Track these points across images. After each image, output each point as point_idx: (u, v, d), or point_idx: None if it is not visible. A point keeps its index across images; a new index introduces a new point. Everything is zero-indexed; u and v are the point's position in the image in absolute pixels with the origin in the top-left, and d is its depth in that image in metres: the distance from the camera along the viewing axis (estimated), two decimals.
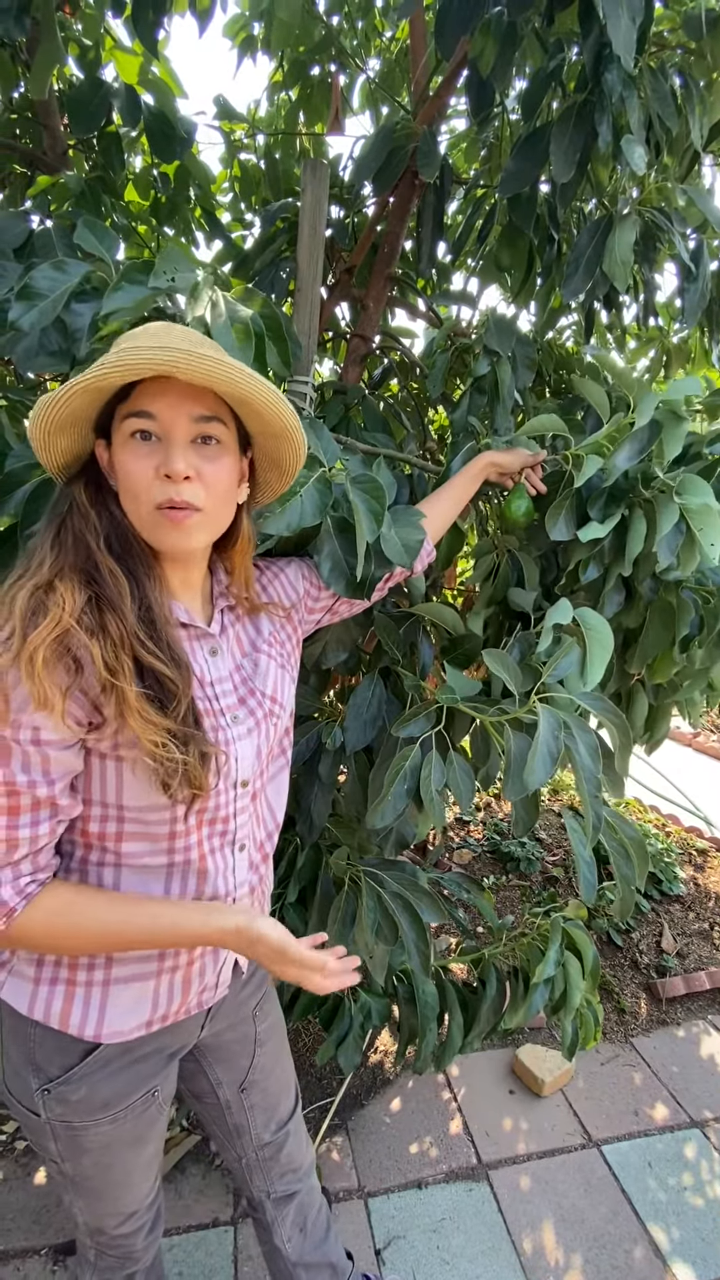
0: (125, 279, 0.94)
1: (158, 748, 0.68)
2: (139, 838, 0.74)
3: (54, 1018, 0.76)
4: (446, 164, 1.56)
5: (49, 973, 0.76)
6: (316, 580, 0.99)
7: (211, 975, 0.85)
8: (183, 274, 0.97)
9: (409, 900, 1.15)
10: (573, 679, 1.02)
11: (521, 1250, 1.46)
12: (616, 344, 2.19)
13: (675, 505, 1.03)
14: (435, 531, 1.11)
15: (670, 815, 3.26)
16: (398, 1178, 1.59)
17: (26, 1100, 0.79)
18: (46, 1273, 1.35)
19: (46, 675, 0.63)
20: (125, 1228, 0.92)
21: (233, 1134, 1.04)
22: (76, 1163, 0.82)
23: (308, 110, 2.11)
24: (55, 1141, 0.80)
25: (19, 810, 0.66)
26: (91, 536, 0.71)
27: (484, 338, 1.37)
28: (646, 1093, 1.87)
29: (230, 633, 0.86)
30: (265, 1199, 1.09)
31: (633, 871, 1.03)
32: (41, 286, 0.99)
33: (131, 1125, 0.83)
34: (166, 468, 0.69)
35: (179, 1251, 1.40)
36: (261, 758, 0.85)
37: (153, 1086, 0.84)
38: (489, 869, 2.77)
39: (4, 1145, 1.58)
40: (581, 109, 1.27)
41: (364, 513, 0.92)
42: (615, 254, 1.26)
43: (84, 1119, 0.79)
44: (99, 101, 1.55)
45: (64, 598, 0.66)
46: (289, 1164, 1.09)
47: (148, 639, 0.70)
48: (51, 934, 0.70)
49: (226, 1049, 0.98)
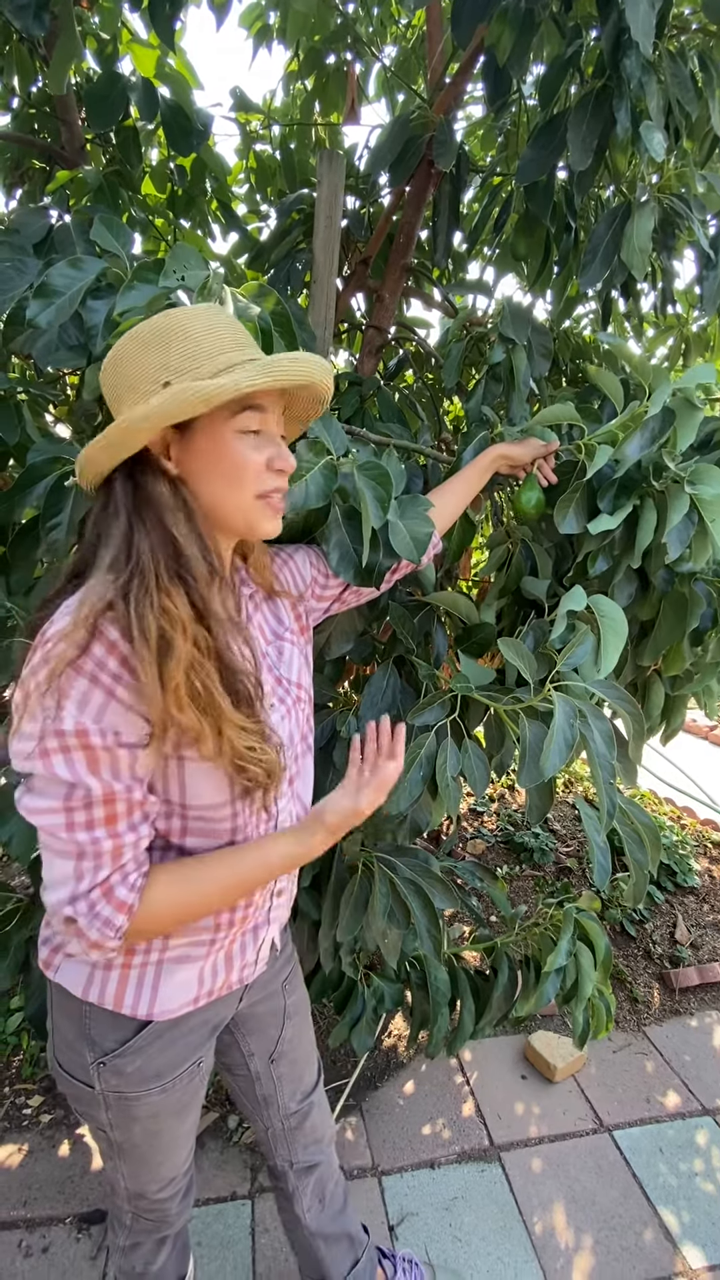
0: (137, 278, 0.95)
1: (253, 751, 0.70)
2: (201, 834, 0.76)
3: (108, 1000, 0.78)
4: (463, 153, 1.56)
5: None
6: (324, 568, 1.00)
7: (251, 953, 0.89)
8: (192, 272, 0.98)
9: (421, 886, 1.17)
10: (587, 667, 1.02)
11: (533, 1230, 1.49)
12: (634, 332, 2.17)
13: (686, 495, 1.02)
14: (443, 523, 1.11)
15: (686, 808, 3.25)
16: (411, 1157, 1.62)
17: (80, 1073, 0.82)
18: (71, 1240, 1.40)
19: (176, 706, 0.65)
20: (165, 1193, 0.97)
21: (261, 1104, 1.08)
22: (126, 1130, 0.86)
23: (323, 100, 2.11)
24: (107, 1111, 0.84)
25: (118, 817, 0.67)
26: (182, 533, 0.70)
27: (499, 326, 1.37)
28: (658, 1080, 1.88)
29: (255, 620, 0.87)
30: (289, 1168, 1.12)
31: (646, 857, 1.04)
32: (58, 284, 1.01)
33: (179, 1094, 0.86)
34: (282, 463, 0.74)
35: (198, 1223, 1.44)
36: (294, 743, 0.87)
37: (198, 1057, 0.88)
38: (503, 859, 2.79)
39: (30, 1119, 1.63)
40: (600, 95, 1.26)
41: (370, 499, 0.93)
42: (633, 242, 1.26)
43: (136, 1089, 0.82)
44: (116, 95, 1.56)
45: (181, 620, 0.66)
46: (312, 1134, 1.13)
47: (231, 640, 0.72)
48: (175, 905, 0.72)
49: (259, 1020, 1.02)
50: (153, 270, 0.98)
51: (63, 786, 0.64)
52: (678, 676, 1.36)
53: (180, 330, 0.71)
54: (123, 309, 0.93)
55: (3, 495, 1.06)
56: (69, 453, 1.06)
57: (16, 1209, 1.44)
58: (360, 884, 1.21)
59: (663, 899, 2.56)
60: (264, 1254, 1.40)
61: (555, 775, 0.96)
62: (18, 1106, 1.65)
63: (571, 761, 1.08)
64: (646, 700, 1.37)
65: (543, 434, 1.19)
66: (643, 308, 1.87)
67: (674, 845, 2.81)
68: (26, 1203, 1.45)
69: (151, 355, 0.70)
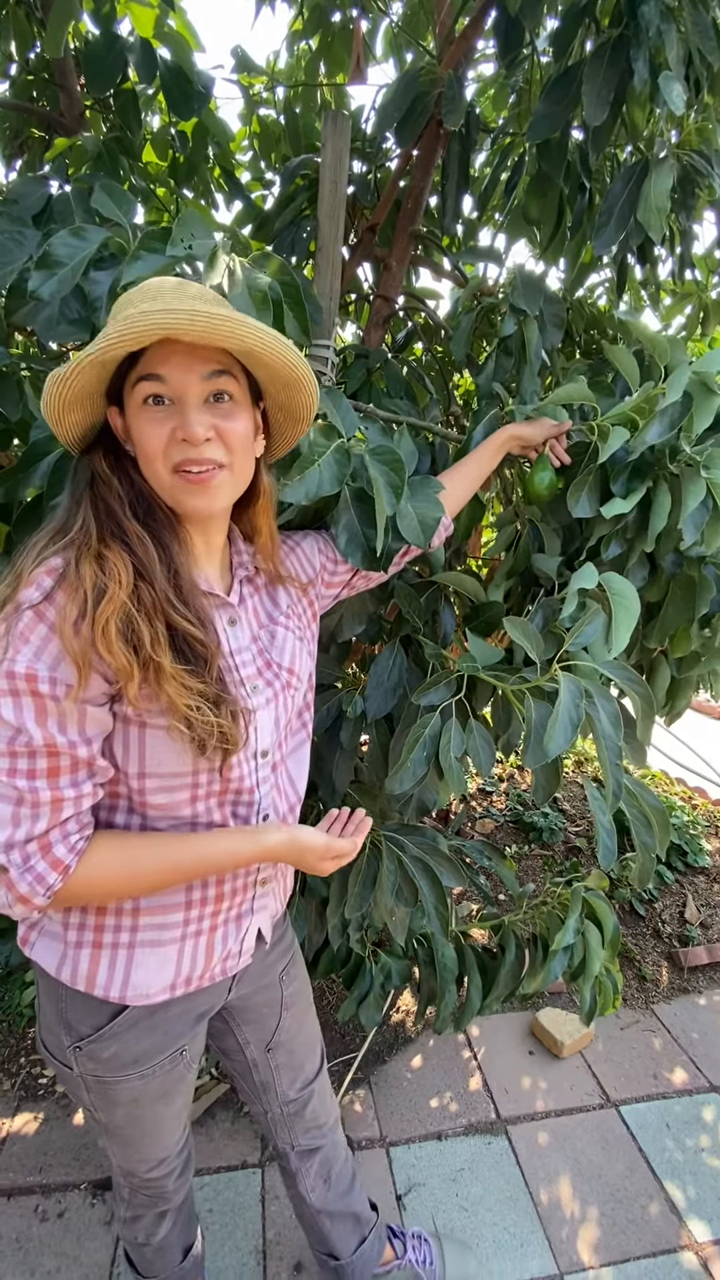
0: (143, 247, 0.92)
1: (193, 711, 0.68)
2: (162, 807, 0.75)
3: (80, 979, 0.78)
4: (473, 112, 1.50)
5: (74, 935, 0.78)
6: (333, 554, 0.98)
7: (234, 943, 0.86)
8: (200, 240, 0.95)
9: (429, 864, 1.17)
10: (597, 646, 1.00)
11: (539, 1201, 1.51)
12: (650, 300, 2.10)
13: (703, 480, 0.99)
14: (453, 506, 1.09)
15: (698, 788, 3.23)
16: (418, 1129, 1.64)
17: (60, 1055, 0.83)
18: (86, 1205, 1.44)
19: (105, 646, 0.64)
20: (155, 1173, 0.97)
21: (259, 1089, 1.08)
22: (109, 1113, 0.86)
23: (329, 60, 2.03)
24: (88, 1093, 0.84)
25: (60, 771, 0.67)
26: (117, 504, 0.71)
27: (510, 296, 1.33)
28: (666, 1057, 1.89)
29: (249, 604, 0.85)
30: (290, 1150, 1.13)
31: (653, 839, 1.03)
32: (60, 254, 0.98)
33: (160, 1081, 0.86)
34: (184, 432, 0.69)
35: (209, 1190, 1.48)
36: (280, 728, 0.85)
37: (180, 1046, 0.86)
38: (511, 838, 2.79)
39: (45, 1088, 1.67)
40: (616, 45, 1.20)
41: (383, 486, 0.91)
42: (651, 201, 1.20)
43: (115, 1074, 0.82)
44: (115, 57, 1.52)
45: (117, 568, 0.66)
46: (313, 1120, 1.12)
47: (180, 603, 0.70)
48: (111, 879, 0.71)
49: (254, 1011, 1.01)
50: (159, 239, 0.94)
51: (8, 729, 0.64)
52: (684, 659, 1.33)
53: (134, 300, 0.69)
54: (128, 280, 0.91)
55: (6, 473, 1.05)
56: None
57: (33, 1175, 1.48)
58: (368, 862, 1.21)
59: (673, 879, 2.55)
60: (274, 1221, 1.43)
61: (563, 755, 0.94)
62: (33, 1076, 1.69)
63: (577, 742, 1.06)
64: (652, 682, 1.35)
65: (555, 413, 1.15)
66: (660, 274, 1.81)
67: (685, 826, 2.80)
68: (42, 1169, 1.49)
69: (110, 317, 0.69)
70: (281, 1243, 1.40)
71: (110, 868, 0.71)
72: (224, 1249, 1.38)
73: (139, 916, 0.78)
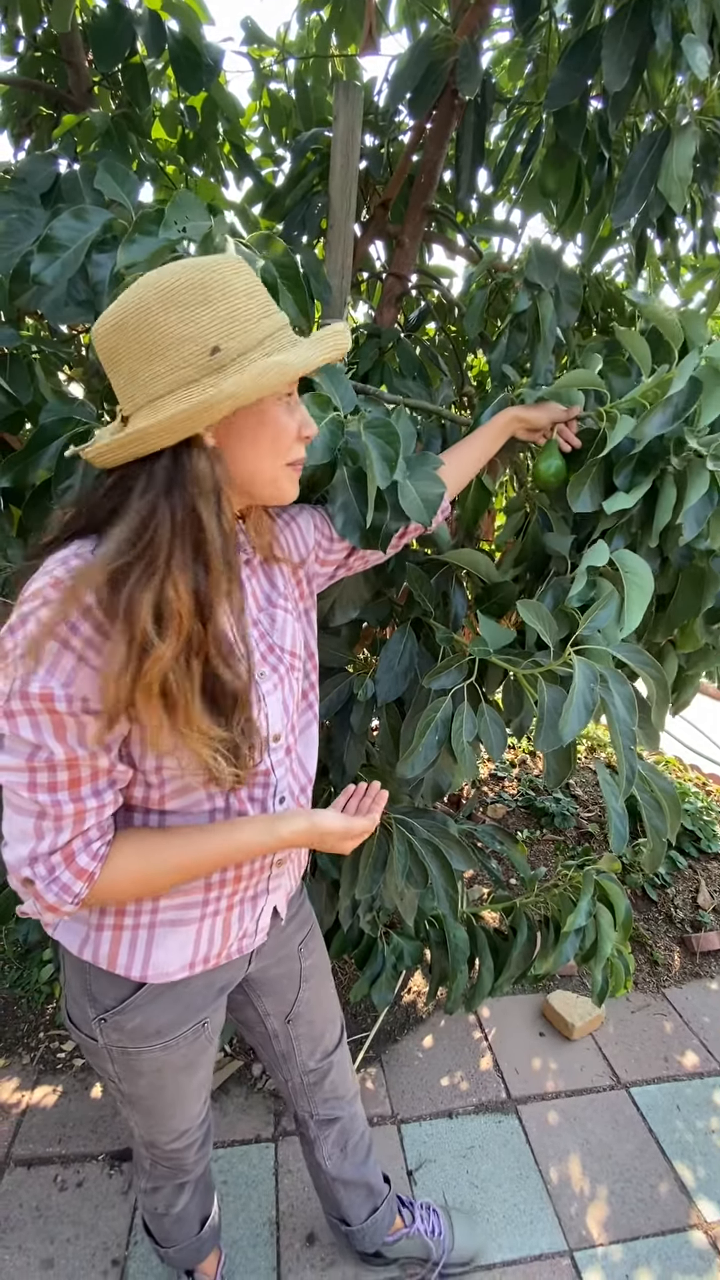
0: (138, 230, 0.91)
1: (213, 761, 0.68)
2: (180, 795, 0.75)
3: (102, 959, 0.79)
4: (488, 81, 1.45)
5: (96, 919, 0.79)
6: (329, 531, 0.97)
7: (250, 922, 0.87)
8: (194, 223, 0.94)
9: (439, 847, 1.17)
10: (610, 629, 0.99)
11: (548, 1179, 1.52)
12: (670, 276, 2.04)
13: (707, 473, 0.96)
14: (454, 486, 1.06)
15: (711, 774, 3.21)
16: (429, 1107, 1.66)
17: (85, 1026, 0.84)
18: (104, 1175, 1.47)
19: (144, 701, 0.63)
20: (177, 1144, 0.99)
21: (280, 1059, 1.09)
22: (132, 1084, 0.88)
23: (340, 30, 1.98)
24: (112, 1064, 0.86)
25: (81, 781, 0.66)
26: (209, 513, 0.65)
27: (525, 271, 1.30)
28: (677, 1040, 1.89)
29: (248, 588, 0.84)
30: (309, 1119, 1.15)
31: (664, 824, 1.02)
32: (62, 237, 0.97)
33: (183, 1052, 0.87)
34: (308, 429, 0.73)
35: (223, 1163, 1.51)
36: (289, 711, 0.86)
37: (202, 1018, 0.88)
38: (523, 823, 2.79)
39: (64, 1062, 1.71)
40: (637, 8, 1.15)
41: (376, 457, 0.89)
42: (672, 170, 1.16)
43: (138, 1045, 0.84)
44: (123, 30, 1.49)
45: (178, 606, 0.62)
46: (332, 1091, 1.14)
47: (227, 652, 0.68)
48: (135, 881, 0.71)
49: (274, 984, 1.02)
50: (154, 221, 0.93)
51: (27, 747, 0.63)
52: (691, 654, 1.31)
53: (223, 287, 0.64)
54: (125, 263, 0.89)
55: (15, 457, 1.05)
56: (81, 414, 1.04)
57: (52, 1146, 1.52)
58: (378, 844, 1.21)
59: (685, 864, 2.54)
60: (287, 1194, 1.46)
61: (576, 740, 0.93)
62: (52, 1051, 1.73)
63: (589, 726, 1.04)
64: (661, 667, 1.33)
65: (571, 396, 1.11)
66: (680, 249, 1.76)
67: (698, 811, 2.78)
68: (61, 1140, 1.53)
69: (192, 314, 0.63)
70: (295, 1214, 1.43)
71: (132, 871, 0.71)
72: (238, 1220, 1.41)
73: (159, 899, 0.79)
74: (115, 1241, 1.36)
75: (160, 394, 0.64)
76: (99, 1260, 1.33)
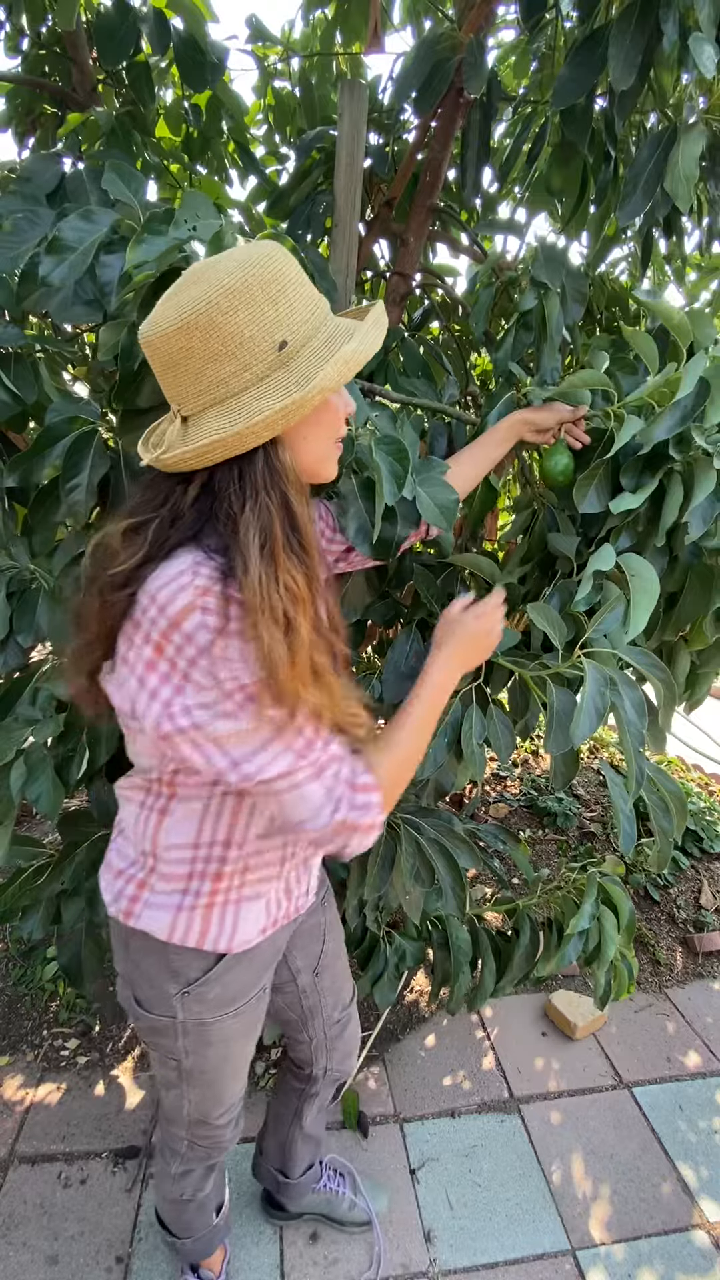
0: (148, 230, 0.91)
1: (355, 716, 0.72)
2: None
3: (192, 939, 0.82)
4: (494, 79, 1.45)
5: (190, 900, 0.81)
6: (331, 521, 1.00)
7: (305, 883, 0.94)
8: (204, 222, 0.94)
9: (445, 846, 1.17)
10: (617, 632, 0.99)
11: (551, 1178, 1.53)
12: (675, 276, 2.04)
13: (714, 471, 0.96)
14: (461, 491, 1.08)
15: (714, 774, 3.20)
16: (432, 1106, 1.67)
17: (161, 1007, 0.87)
18: (107, 1173, 1.48)
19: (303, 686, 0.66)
20: (224, 1118, 1.03)
21: (307, 1015, 1.14)
22: (201, 1055, 0.91)
23: (345, 28, 1.98)
24: (185, 1038, 0.89)
25: (321, 725, 0.70)
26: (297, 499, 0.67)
27: (531, 269, 1.29)
28: (679, 1040, 1.89)
29: None
30: (323, 1076, 1.20)
31: (671, 825, 1.02)
32: (70, 239, 0.96)
33: (248, 1016, 0.92)
34: (350, 407, 0.76)
35: (226, 1161, 1.51)
36: None
37: (264, 983, 0.94)
38: (525, 823, 2.79)
39: (67, 1060, 1.71)
40: (645, 5, 1.15)
41: (386, 475, 0.91)
42: (679, 169, 1.16)
43: (215, 1014, 0.88)
44: (127, 28, 1.49)
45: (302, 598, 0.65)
46: (347, 1046, 1.21)
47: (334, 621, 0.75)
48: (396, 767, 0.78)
49: (305, 935, 1.07)
50: (163, 220, 0.93)
51: (269, 727, 0.65)
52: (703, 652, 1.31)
53: (284, 282, 0.65)
54: (135, 263, 0.89)
55: (22, 456, 1.05)
56: (87, 412, 1.04)
57: (56, 1143, 1.52)
58: (386, 844, 1.22)
59: (688, 865, 2.54)
60: None
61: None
62: (55, 1049, 1.74)
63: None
64: (673, 667, 1.33)
65: (578, 396, 1.12)
66: (686, 248, 1.75)
67: (701, 812, 2.78)
68: (65, 1138, 1.53)
69: (260, 312, 0.63)
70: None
71: (388, 760, 0.77)
72: (242, 1217, 1.42)
73: (247, 874, 0.82)
74: (119, 1238, 1.37)
75: (234, 392, 0.65)
76: (103, 1257, 1.33)
